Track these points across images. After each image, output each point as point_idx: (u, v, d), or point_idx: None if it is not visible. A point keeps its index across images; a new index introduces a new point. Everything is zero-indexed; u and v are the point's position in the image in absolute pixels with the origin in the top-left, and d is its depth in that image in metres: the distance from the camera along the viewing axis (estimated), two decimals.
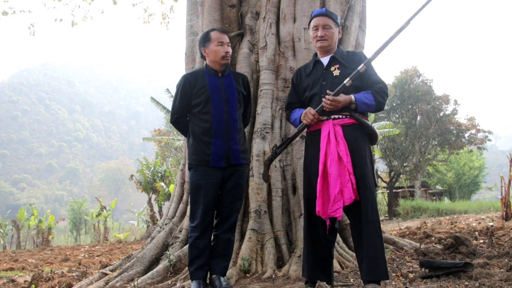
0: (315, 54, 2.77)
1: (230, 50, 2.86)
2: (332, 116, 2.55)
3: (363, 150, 2.51)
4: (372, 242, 2.40)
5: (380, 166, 24.68)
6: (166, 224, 4.00)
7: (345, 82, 2.46)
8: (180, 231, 3.84)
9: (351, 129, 2.52)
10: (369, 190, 2.45)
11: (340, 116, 2.54)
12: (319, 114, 2.56)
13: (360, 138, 2.53)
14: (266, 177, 2.89)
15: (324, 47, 2.64)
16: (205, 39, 2.86)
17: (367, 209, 2.43)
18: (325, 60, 2.67)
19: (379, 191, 23.51)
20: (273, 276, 3.05)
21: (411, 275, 2.90)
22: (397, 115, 23.01)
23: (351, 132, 2.52)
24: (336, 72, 2.58)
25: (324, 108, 2.47)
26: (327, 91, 2.48)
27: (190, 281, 2.84)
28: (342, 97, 2.44)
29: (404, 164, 22.48)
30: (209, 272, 2.82)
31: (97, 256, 8.09)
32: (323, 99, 2.48)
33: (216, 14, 4.23)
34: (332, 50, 2.68)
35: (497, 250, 3.67)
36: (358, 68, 2.46)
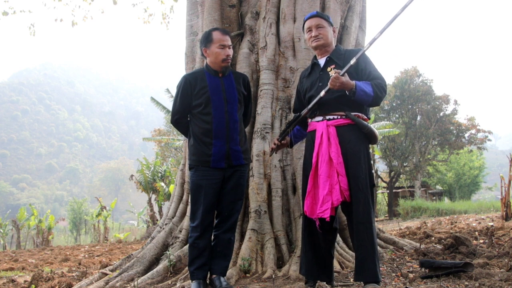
0: (314, 56, 2.78)
1: (231, 52, 2.84)
2: (327, 117, 2.54)
3: (358, 151, 2.49)
4: (362, 244, 2.39)
5: (380, 166, 24.68)
6: (166, 224, 4.00)
7: (351, 62, 2.43)
8: (180, 231, 3.84)
9: (346, 130, 2.51)
10: (361, 192, 2.43)
11: (335, 117, 2.54)
12: (314, 113, 2.57)
13: (355, 139, 2.50)
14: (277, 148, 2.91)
15: (319, 46, 2.65)
16: (207, 40, 2.84)
17: (358, 210, 2.41)
18: (322, 61, 2.69)
19: (379, 191, 23.52)
20: (273, 276, 3.05)
21: (411, 275, 2.89)
22: (397, 115, 23.02)
23: (346, 133, 2.50)
24: (332, 73, 2.57)
25: (330, 87, 2.43)
26: (334, 69, 2.45)
27: (190, 281, 2.84)
28: (345, 78, 2.40)
29: (404, 164, 22.48)
30: (209, 272, 2.82)
31: (97, 256, 8.09)
32: (332, 74, 2.42)
33: (216, 14, 4.23)
34: (330, 50, 2.68)
35: (497, 250, 3.66)
36: (351, 62, 2.44)
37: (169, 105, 16.74)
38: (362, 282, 2.46)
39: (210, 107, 2.77)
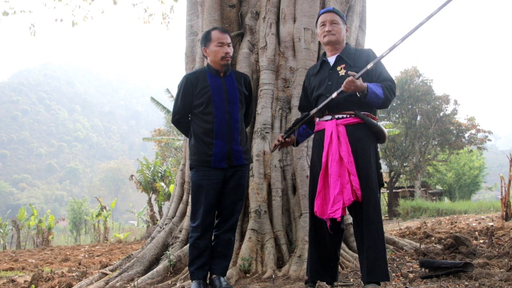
0: (324, 54, 2.75)
1: (230, 50, 2.83)
2: (336, 116, 2.53)
3: (367, 150, 2.47)
4: (373, 244, 2.38)
5: None
6: (166, 224, 4.00)
7: (368, 67, 2.41)
8: (180, 231, 3.84)
9: (355, 129, 2.49)
10: (371, 191, 2.42)
11: (344, 116, 2.52)
12: (327, 111, 2.56)
13: (364, 138, 2.49)
14: (276, 147, 2.88)
15: (332, 42, 2.62)
16: (206, 39, 2.85)
17: (369, 210, 2.40)
18: (331, 60, 2.66)
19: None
20: (273, 276, 3.05)
21: (411, 275, 2.90)
22: (397, 115, 23.02)
23: (355, 131, 2.49)
24: (342, 72, 2.55)
25: (344, 90, 2.41)
26: (349, 72, 2.42)
27: (190, 281, 2.84)
28: (359, 82, 2.38)
29: (404, 164, 22.48)
30: (209, 272, 2.82)
31: (97, 256, 8.09)
32: (347, 78, 2.40)
33: (216, 14, 4.23)
34: (340, 48, 2.66)
35: (497, 250, 3.67)
36: (368, 67, 2.42)
37: (169, 105, 16.75)
38: (362, 282, 2.46)
39: (211, 107, 2.77)
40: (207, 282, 2.80)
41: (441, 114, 22.59)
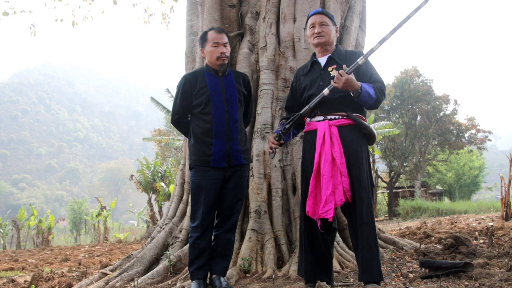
0: (313, 55, 2.76)
1: (225, 50, 2.83)
2: (329, 117, 2.54)
3: (359, 151, 2.49)
4: (366, 244, 2.40)
5: (380, 166, 24.68)
6: (166, 224, 4.00)
7: (359, 62, 2.42)
8: (180, 231, 3.84)
9: (347, 130, 2.51)
10: (364, 192, 2.43)
11: (337, 117, 2.53)
12: (318, 111, 2.55)
13: (356, 139, 2.51)
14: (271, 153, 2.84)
15: (321, 44, 2.63)
16: (203, 39, 2.87)
17: (362, 210, 2.42)
18: (322, 60, 2.67)
19: (379, 191, 23.53)
20: (273, 276, 3.05)
21: (411, 275, 2.90)
22: (397, 115, 23.02)
23: (347, 133, 2.50)
24: (334, 73, 2.56)
25: (335, 85, 2.41)
26: (336, 69, 2.42)
27: (190, 281, 2.84)
28: (351, 77, 2.39)
29: (404, 164, 22.48)
30: (209, 272, 2.82)
31: (97, 256, 8.09)
32: (337, 72, 2.40)
33: (216, 14, 4.23)
34: (330, 49, 2.67)
35: (497, 250, 3.66)
36: (358, 61, 2.43)
37: (169, 105, 16.75)
38: (362, 282, 2.47)
39: (210, 107, 2.78)
40: (207, 282, 2.81)
41: (441, 114, 22.60)
